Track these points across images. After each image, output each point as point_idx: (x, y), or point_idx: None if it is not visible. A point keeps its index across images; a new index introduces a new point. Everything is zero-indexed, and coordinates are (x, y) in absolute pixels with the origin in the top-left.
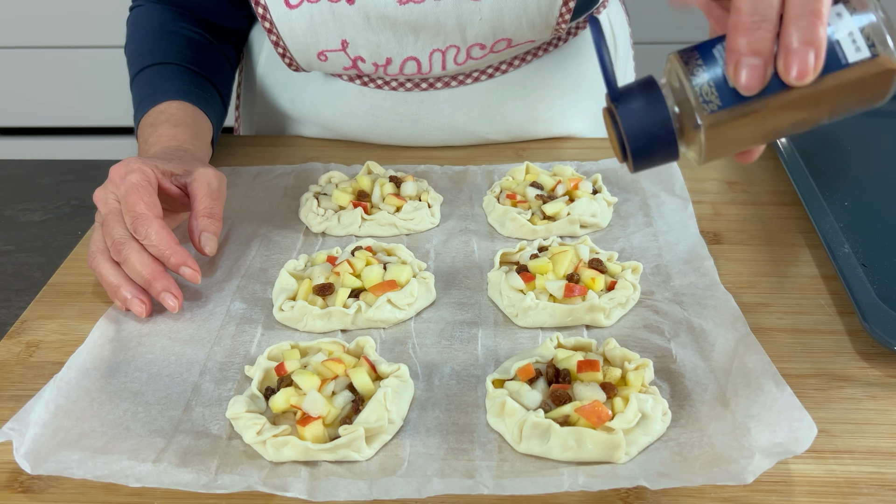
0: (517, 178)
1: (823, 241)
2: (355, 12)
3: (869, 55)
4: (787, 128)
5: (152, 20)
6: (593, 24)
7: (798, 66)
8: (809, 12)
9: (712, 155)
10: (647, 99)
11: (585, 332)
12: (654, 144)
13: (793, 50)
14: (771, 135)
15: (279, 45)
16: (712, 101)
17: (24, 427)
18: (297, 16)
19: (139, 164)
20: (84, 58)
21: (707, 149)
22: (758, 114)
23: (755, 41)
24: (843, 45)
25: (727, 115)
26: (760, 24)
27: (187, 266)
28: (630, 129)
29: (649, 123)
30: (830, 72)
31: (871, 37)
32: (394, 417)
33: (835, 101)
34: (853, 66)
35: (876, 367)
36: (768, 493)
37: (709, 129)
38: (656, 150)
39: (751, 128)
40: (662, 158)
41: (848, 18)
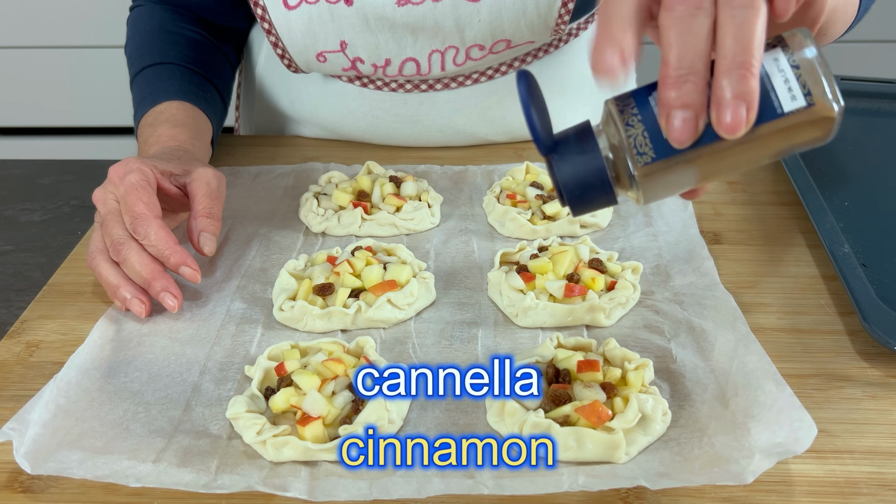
0: (517, 178)
1: (823, 241)
2: (353, 13)
3: (804, 104)
4: (725, 172)
5: (152, 20)
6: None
7: (730, 119)
8: (739, 64)
9: (651, 199)
10: (582, 149)
11: (585, 332)
12: (590, 192)
13: (724, 103)
14: (709, 178)
15: (278, 46)
16: (646, 152)
17: (24, 427)
18: (295, 17)
19: (138, 164)
20: (84, 58)
21: (644, 195)
22: (692, 163)
23: (684, 94)
24: (779, 92)
25: (661, 165)
26: (688, 77)
27: (187, 266)
28: (564, 179)
29: (583, 173)
30: (765, 121)
31: (806, 84)
32: (394, 417)
33: (772, 147)
34: (789, 115)
35: (876, 367)
36: (768, 493)
37: (643, 179)
38: (592, 198)
39: (687, 175)
40: (600, 204)
41: (784, 64)
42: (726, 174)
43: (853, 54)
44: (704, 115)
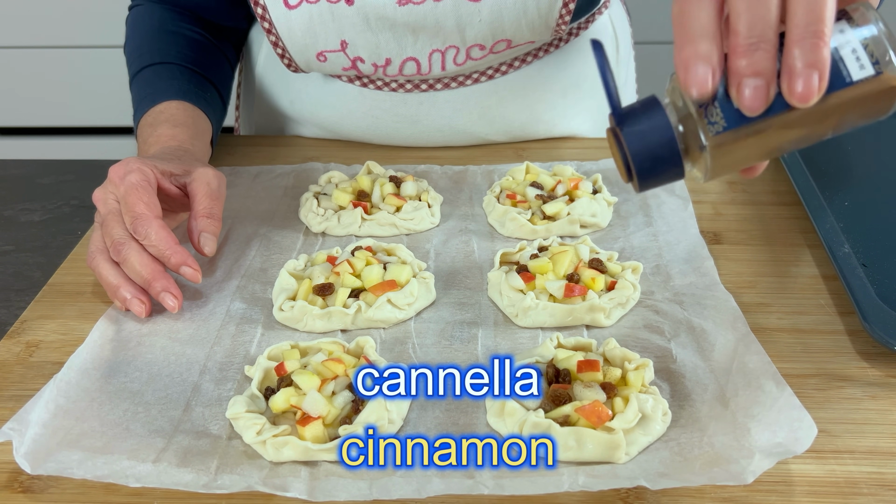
0: (517, 178)
1: (823, 241)
2: (354, 13)
3: (873, 72)
4: (791, 144)
5: (152, 20)
6: (596, 48)
7: (802, 87)
8: (812, 33)
9: (717, 173)
10: (652, 120)
11: (585, 332)
12: (660, 165)
13: (796, 71)
14: (776, 151)
15: (278, 46)
16: (717, 122)
17: (23, 427)
18: (296, 16)
19: (138, 165)
20: (84, 58)
21: (712, 168)
22: (762, 133)
23: (755, 62)
24: (847, 62)
25: (732, 135)
26: (759, 45)
27: (188, 266)
28: (635, 151)
29: (654, 144)
30: (834, 90)
31: (874, 53)
32: (394, 417)
33: (839, 117)
34: (857, 83)
35: (876, 367)
36: (768, 493)
37: (714, 150)
38: (661, 171)
39: (756, 146)
40: (668, 178)
41: (851, 34)
42: (792, 146)
43: None
44: (775, 84)
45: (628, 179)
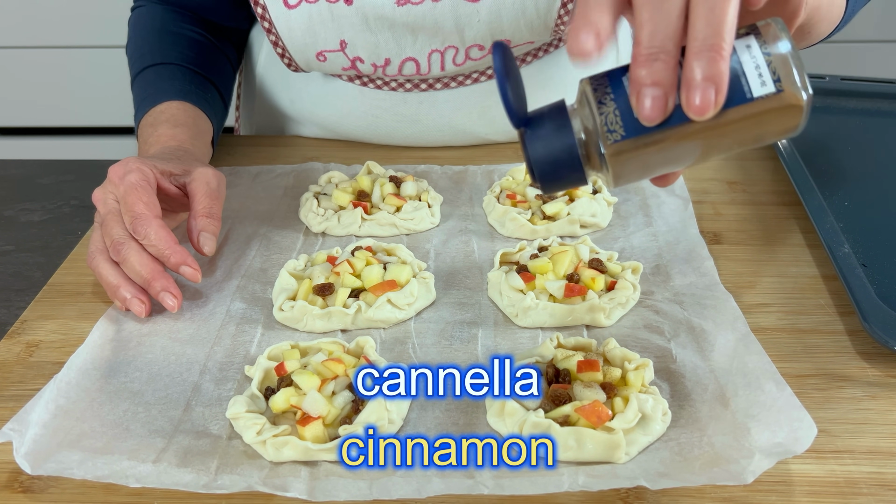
0: (517, 177)
1: (823, 241)
2: (353, 13)
3: (774, 90)
4: (694, 157)
5: (153, 20)
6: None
7: (699, 100)
8: (710, 47)
9: (620, 181)
10: (554, 125)
11: (585, 332)
12: (560, 170)
13: (694, 84)
14: (679, 162)
15: (278, 45)
16: (616, 130)
17: (24, 427)
18: (295, 16)
19: (138, 164)
20: (84, 58)
21: (614, 175)
22: (662, 144)
23: (654, 72)
24: (749, 78)
25: (631, 144)
26: (658, 56)
27: (187, 265)
28: (536, 156)
29: (555, 150)
30: (734, 105)
31: (776, 71)
32: (394, 417)
33: (741, 133)
34: (758, 100)
35: (876, 367)
36: (768, 493)
37: (612, 158)
38: (563, 176)
39: (657, 157)
40: (570, 183)
41: (757, 51)
42: (696, 159)
43: (853, 54)
44: (674, 95)
45: (533, 181)
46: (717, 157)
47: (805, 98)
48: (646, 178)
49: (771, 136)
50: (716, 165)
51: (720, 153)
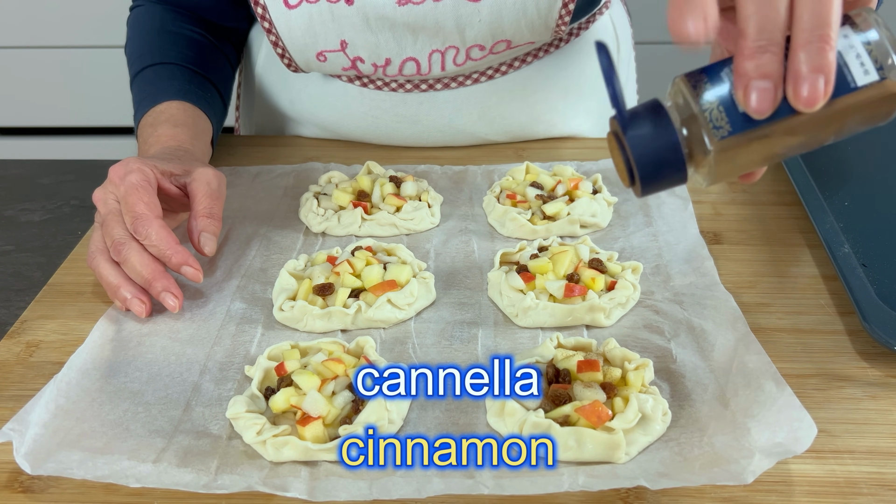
0: (517, 178)
1: (823, 240)
2: (354, 13)
3: (877, 78)
4: (794, 149)
5: (153, 20)
6: (601, 51)
7: (808, 92)
8: (818, 38)
9: (720, 178)
10: (656, 124)
11: (585, 332)
12: (663, 170)
13: (802, 76)
14: (778, 156)
15: (278, 46)
16: (722, 126)
17: (24, 427)
18: (295, 16)
19: (138, 164)
20: (84, 58)
21: (717, 172)
22: (767, 138)
23: (763, 64)
24: (852, 67)
25: (737, 139)
26: (767, 48)
27: (189, 265)
28: (639, 156)
29: (658, 149)
30: (839, 95)
31: (878, 59)
32: (394, 417)
33: (842, 123)
34: (861, 89)
35: (876, 367)
36: (768, 493)
37: (719, 154)
38: (665, 176)
39: (760, 151)
40: (671, 183)
41: (854, 39)
42: (795, 151)
43: None
44: (781, 88)
45: (630, 184)
46: (816, 147)
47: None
48: (744, 172)
49: (868, 124)
50: None
51: (818, 145)
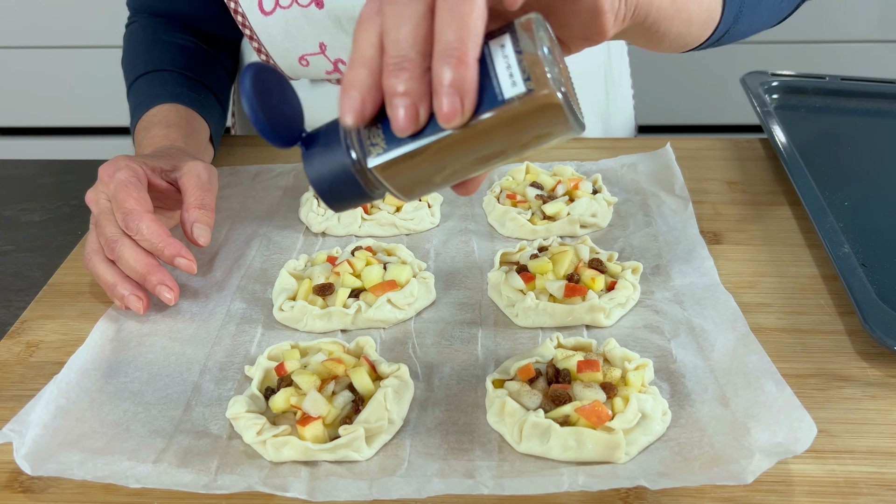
0: (517, 177)
1: (823, 241)
2: (325, 16)
3: (524, 90)
4: (473, 164)
5: (146, 32)
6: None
7: (446, 108)
8: (452, 54)
9: (406, 193)
10: (327, 144)
11: (585, 332)
12: (340, 188)
13: (439, 92)
14: (459, 171)
15: (261, 52)
16: (378, 143)
17: (24, 428)
18: (272, 22)
19: (127, 162)
20: (84, 58)
21: (396, 188)
22: (426, 154)
23: (400, 81)
24: (501, 79)
25: (393, 157)
26: (402, 65)
27: (182, 256)
28: (314, 175)
29: (330, 169)
30: (487, 108)
31: (527, 69)
32: (394, 417)
33: (507, 136)
34: (510, 101)
35: (876, 367)
36: (768, 493)
37: (381, 172)
38: (344, 194)
39: (428, 167)
40: (356, 200)
41: (510, 50)
42: (476, 167)
43: (853, 54)
44: (426, 104)
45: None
46: (503, 161)
47: (559, 95)
48: (436, 188)
49: (543, 136)
50: (715, 165)
51: (501, 158)
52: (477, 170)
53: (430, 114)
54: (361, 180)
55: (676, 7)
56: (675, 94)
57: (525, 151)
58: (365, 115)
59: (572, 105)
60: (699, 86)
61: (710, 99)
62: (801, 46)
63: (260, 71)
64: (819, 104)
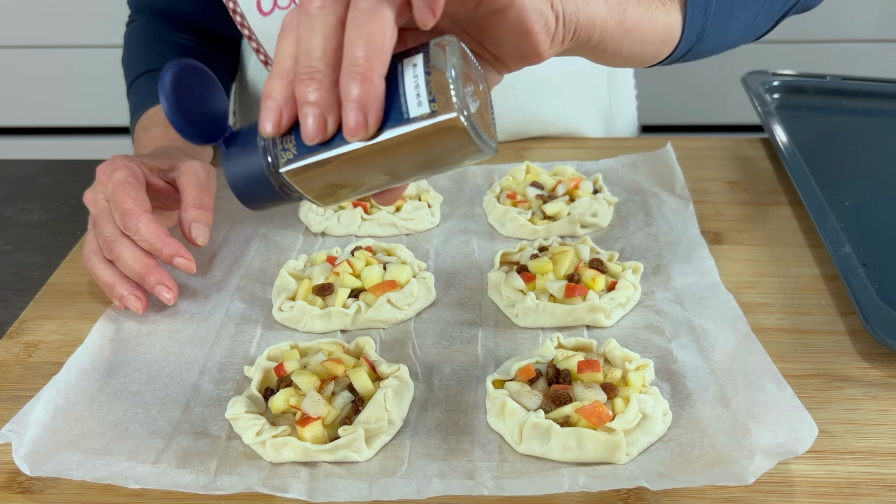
0: (517, 177)
1: (824, 241)
2: None
3: (428, 110)
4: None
5: (146, 32)
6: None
7: (351, 122)
8: (356, 71)
9: (319, 199)
10: (244, 145)
11: (586, 332)
12: (255, 189)
13: (345, 106)
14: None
15: (260, 52)
16: (290, 149)
17: (23, 429)
18: (270, 22)
19: (124, 162)
20: (84, 58)
21: (308, 194)
22: (334, 163)
23: (310, 90)
24: (408, 99)
25: (303, 163)
26: (311, 76)
27: (181, 256)
28: (230, 175)
29: (245, 170)
30: (392, 126)
31: (433, 91)
32: (393, 418)
33: (413, 153)
34: (415, 120)
35: (877, 368)
36: (769, 493)
37: (292, 177)
38: (259, 195)
39: (337, 176)
40: (272, 201)
41: (420, 70)
42: (386, 179)
43: (854, 54)
44: (335, 115)
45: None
46: (415, 178)
47: (461, 118)
48: (350, 197)
49: (450, 157)
50: (716, 165)
51: (411, 174)
52: (388, 183)
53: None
54: (275, 183)
55: (625, 28)
56: (676, 93)
57: (435, 170)
58: (282, 125)
59: (478, 128)
60: (700, 85)
61: (711, 98)
62: (802, 46)
63: (183, 69)
64: (820, 104)
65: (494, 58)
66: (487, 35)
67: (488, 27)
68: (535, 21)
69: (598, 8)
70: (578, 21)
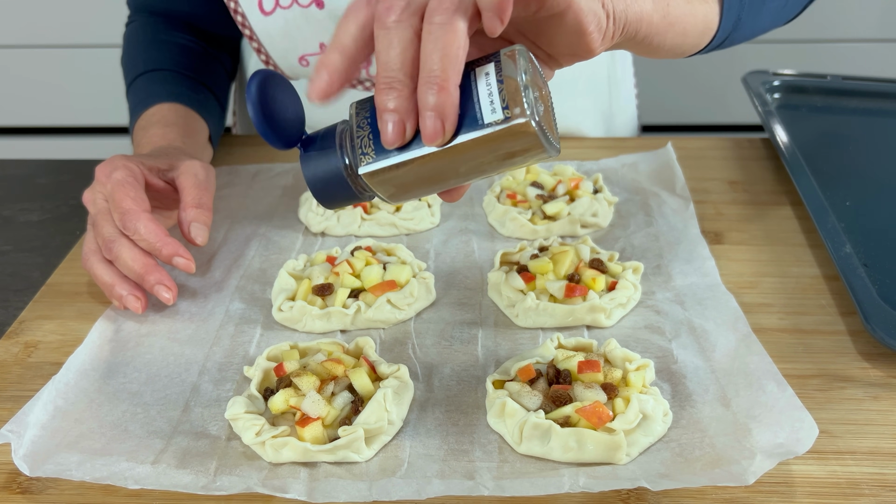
0: (517, 177)
1: (825, 241)
2: (325, 16)
3: (502, 117)
4: (454, 177)
5: (146, 32)
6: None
7: (429, 128)
8: (433, 80)
9: (392, 199)
10: (322, 148)
11: (586, 332)
12: (332, 189)
13: (422, 113)
14: (441, 182)
15: (261, 53)
16: (368, 152)
17: (22, 429)
18: (272, 22)
19: (123, 161)
20: (83, 58)
21: (382, 194)
22: (411, 166)
23: (390, 99)
24: (482, 106)
25: (381, 165)
26: (392, 84)
27: (180, 256)
28: (309, 176)
29: (324, 172)
30: (468, 131)
31: (506, 98)
32: (393, 418)
33: (485, 156)
34: (489, 126)
35: (877, 368)
36: (770, 493)
37: (369, 178)
38: (336, 195)
39: (412, 177)
40: (346, 200)
41: (493, 78)
42: (457, 179)
43: (855, 54)
44: (413, 121)
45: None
46: (484, 176)
47: (532, 123)
48: (420, 196)
49: (520, 158)
50: (716, 165)
51: (479, 174)
52: (458, 182)
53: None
54: (352, 184)
55: (669, 22)
56: (677, 93)
57: (504, 169)
58: (328, 96)
59: (546, 132)
60: (701, 85)
61: (711, 98)
62: (803, 46)
63: (266, 78)
64: (821, 104)
65: (547, 55)
66: (543, 36)
67: (545, 29)
68: (590, 21)
69: (645, 5)
70: (627, 18)
